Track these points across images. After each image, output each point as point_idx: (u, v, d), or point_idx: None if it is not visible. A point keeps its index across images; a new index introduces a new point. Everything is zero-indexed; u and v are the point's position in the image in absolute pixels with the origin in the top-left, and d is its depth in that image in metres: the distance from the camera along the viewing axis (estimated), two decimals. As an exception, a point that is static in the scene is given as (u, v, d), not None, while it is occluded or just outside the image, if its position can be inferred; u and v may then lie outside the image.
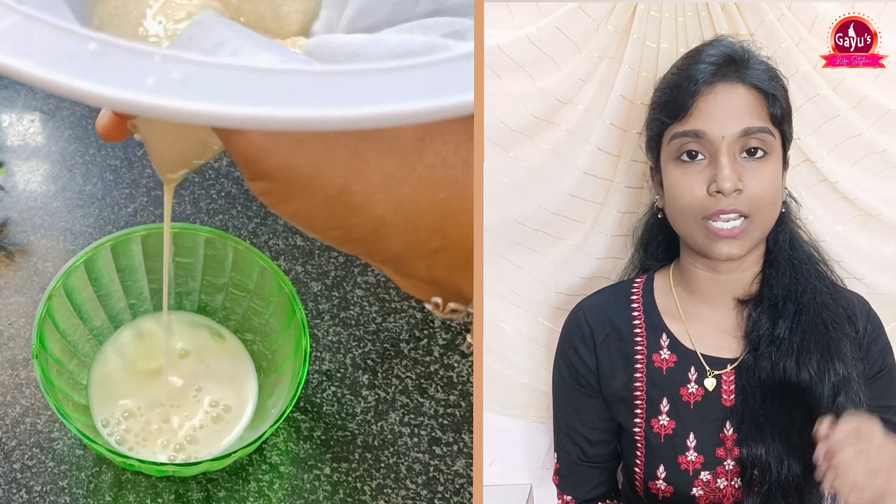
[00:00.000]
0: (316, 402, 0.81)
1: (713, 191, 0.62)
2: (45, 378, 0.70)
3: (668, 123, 0.65)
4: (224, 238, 0.77)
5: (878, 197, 0.76)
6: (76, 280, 0.75)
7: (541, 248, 0.79)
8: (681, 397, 0.67)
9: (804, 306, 0.66)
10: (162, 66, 0.33)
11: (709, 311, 0.68)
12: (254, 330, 0.80)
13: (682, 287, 0.69)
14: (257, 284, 0.78)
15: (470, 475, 0.78)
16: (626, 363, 0.69)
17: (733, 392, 0.67)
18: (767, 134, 0.63)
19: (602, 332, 0.69)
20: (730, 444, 0.67)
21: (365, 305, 0.86)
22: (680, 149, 0.64)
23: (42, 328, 0.72)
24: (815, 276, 0.68)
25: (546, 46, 0.74)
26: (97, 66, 0.32)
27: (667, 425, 0.68)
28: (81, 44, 0.33)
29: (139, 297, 0.80)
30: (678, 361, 0.68)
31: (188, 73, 0.32)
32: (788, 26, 0.72)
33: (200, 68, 0.33)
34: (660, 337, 0.69)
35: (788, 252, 0.68)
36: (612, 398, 0.69)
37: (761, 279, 0.67)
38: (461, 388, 0.82)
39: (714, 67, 0.64)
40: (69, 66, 0.32)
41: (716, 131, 0.63)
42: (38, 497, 0.75)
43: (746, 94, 0.64)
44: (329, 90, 0.33)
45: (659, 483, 0.69)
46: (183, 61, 0.33)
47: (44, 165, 0.92)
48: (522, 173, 0.77)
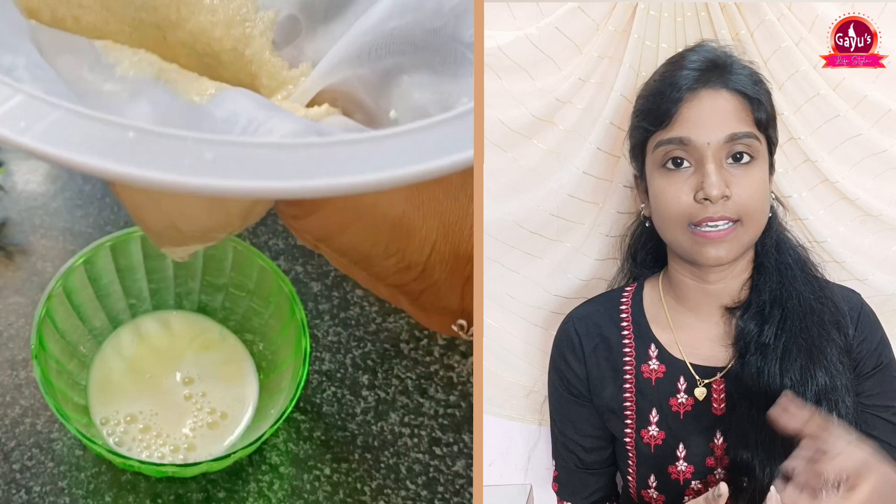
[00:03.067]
0: (316, 402, 0.81)
1: (700, 198, 0.62)
2: (45, 378, 0.70)
3: (652, 131, 0.64)
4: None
5: (879, 197, 0.76)
6: (76, 280, 0.75)
7: (538, 252, 0.78)
8: (670, 407, 0.67)
9: (789, 311, 0.65)
10: (195, 147, 0.36)
11: (697, 321, 0.68)
12: (254, 330, 0.80)
13: (671, 296, 0.69)
14: (257, 285, 0.78)
15: (470, 476, 0.78)
16: (614, 374, 0.68)
17: (724, 401, 0.66)
18: (753, 139, 0.63)
19: (591, 342, 0.69)
20: (720, 453, 0.66)
21: (365, 306, 0.86)
22: (665, 156, 0.63)
23: (41, 328, 0.71)
24: (802, 281, 0.67)
25: (546, 47, 0.74)
26: (138, 151, 0.36)
27: (657, 436, 0.67)
28: (121, 133, 0.36)
29: (139, 297, 0.80)
30: (667, 372, 0.67)
31: (219, 153, 0.36)
32: (788, 26, 0.71)
33: (231, 148, 0.36)
34: (648, 347, 0.68)
35: (775, 256, 0.67)
36: (603, 408, 0.69)
37: (750, 285, 0.67)
38: (461, 388, 0.82)
39: (697, 73, 0.63)
40: (114, 154, 0.36)
41: (701, 138, 0.62)
42: (37, 497, 0.75)
43: (731, 99, 0.63)
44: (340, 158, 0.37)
45: (651, 492, 0.68)
46: (214, 142, 0.36)
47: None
48: (521, 174, 0.77)
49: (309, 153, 0.37)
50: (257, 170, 0.36)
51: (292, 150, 0.37)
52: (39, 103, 0.37)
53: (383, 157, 0.37)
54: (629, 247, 0.73)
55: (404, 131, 0.38)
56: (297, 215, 0.45)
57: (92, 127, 0.36)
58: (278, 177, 0.36)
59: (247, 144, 0.37)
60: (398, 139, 0.38)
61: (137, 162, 0.36)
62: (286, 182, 0.36)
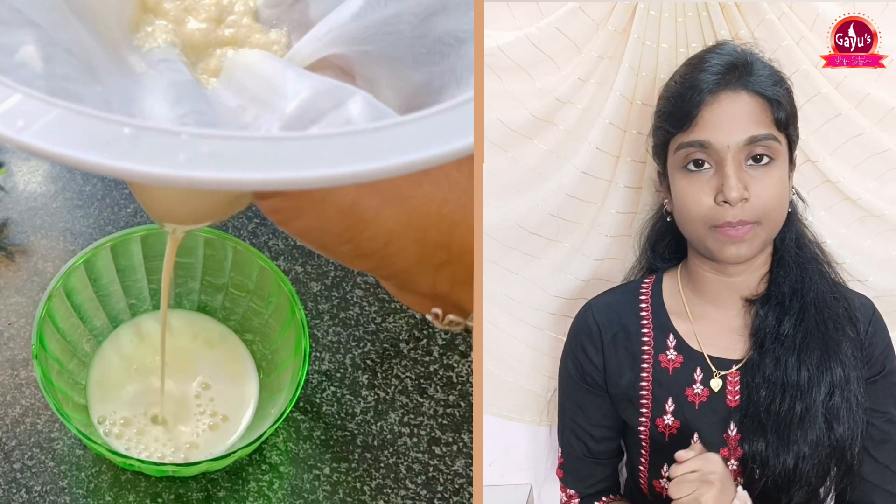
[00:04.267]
0: (316, 402, 0.81)
1: (720, 200, 0.63)
2: (45, 378, 0.70)
3: (673, 133, 0.65)
4: (224, 238, 0.77)
5: (881, 197, 0.76)
6: (76, 280, 0.75)
7: (538, 252, 0.79)
8: (686, 397, 0.68)
9: (807, 304, 0.67)
10: (190, 142, 0.37)
11: (716, 312, 0.69)
12: (254, 330, 0.80)
13: (690, 288, 0.70)
14: (257, 285, 0.78)
15: (470, 475, 0.78)
16: (632, 363, 0.69)
17: (738, 392, 0.67)
18: (772, 140, 0.64)
19: (610, 331, 0.70)
20: (733, 444, 0.67)
21: (365, 305, 0.86)
22: (686, 158, 0.65)
23: (42, 328, 0.72)
24: (819, 275, 0.68)
25: (546, 47, 0.74)
26: (134, 147, 0.37)
27: (671, 425, 0.68)
28: (117, 129, 0.37)
29: (139, 298, 0.80)
30: (684, 362, 0.68)
31: (215, 147, 0.37)
32: (789, 25, 0.71)
33: (226, 141, 0.37)
34: (667, 337, 0.69)
35: (795, 250, 0.68)
36: (619, 397, 0.70)
37: (769, 278, 0.68)
38: (461, 388, 0.82)
39: (717, 77, 0.64)
40: (111, 151, 0.36)
41: (721, 141, 0.63)
42: (38, 497, 0.75)
43: (750, 101, 0.64)
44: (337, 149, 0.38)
45: (663, 482, 0.69)
46: (209, 137, 0.37)
47: (44, 165, 0.92)
48: (521, 173, 0.77)
49: (305, 144, 0.38)
50: (253, 162, 0.37)
51: (288, 142, 0.38)
52: (37, 102, 0.37)
53: (382, 147, 0.38)
54: (648, 239, 0.74)
55: (400, 122, 0.39)
56: (259, 196, 0.45)
57: (89, 124, 0.37)
58: (275, 168, 0.37)
59: (242, 137, 0.38)
60: (395, 130, 0.39)
61: (132, 157, 0.36)
62: (282, 173, 0.37)
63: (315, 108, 0.43)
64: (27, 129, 0.36)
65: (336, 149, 0.38)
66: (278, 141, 0.38)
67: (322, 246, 0.46)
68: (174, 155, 0.37)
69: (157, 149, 0.37)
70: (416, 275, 0.47)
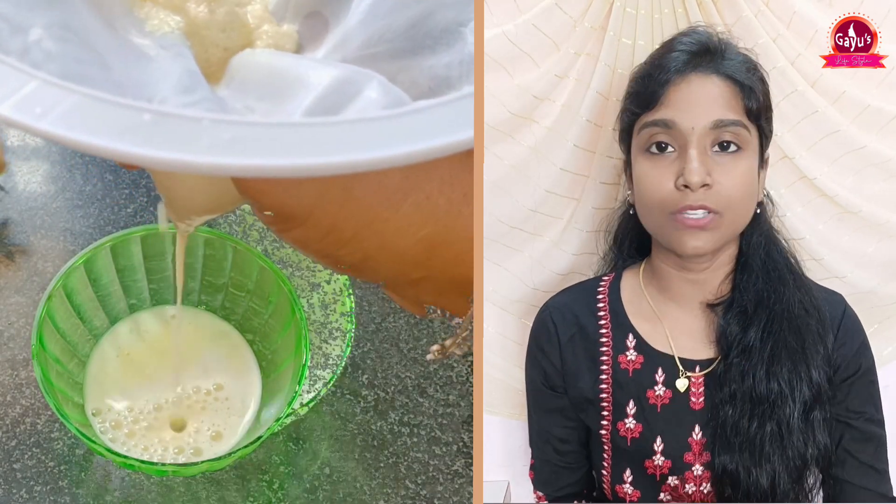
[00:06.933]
0: (316, 401, 0.81)
1: (680, 184, 0.60)
2: (45, 378, 0.70)
3: (638, 113, 0.63)
4: (223, 238, 0.78)
5: (858, 194, 0.75)
6: (76, 280, 0.75)
7: (518, 245, 0.77)
8: (648, 400, 0.66)
9: (776, 314, 0.64)
10: (212, 128, 0.36)
11: (679, 312, 0.67)
12: (254, 330, 0.80)
13: (653, 286, 0.68)
14: (257, 284, 0.78)
15: (469, 475, 0.78)
16: (591, 364, 0.67)
17: (702, 395, 0.65)
18: (741, 127, 0.61)
19: (567, 332, 0.68)
20: (698, 449, 0.65)
21: (364, 305, 0.86)
22: (649, 139, 0.62)
23: (42, 328, 0.72)
24: (791, 285, 0.66)
25: (524, 44, 0.73)
26: (155, 133, 0.36)
27: (633, 428, 0.66)
28: (137, 115, 0.36)
29: (139, 298, 0.80)
30: (645, 363, 0.66)
31: (237, 133, 0.37)
32: (765, 22, 0.70)
33: (248, 128, 0.37)
34: (626, 337, 0.67)
35: (763, 257, 0.65)
36: (578, 399, 0.68)
37: (732, 282, 0.66)
38: (460, 387, 0.82)
39: (687, 56, 0.62)
40: (131, 137, 0.36)
41: (686, 122, 0.61)
42: (38, 497, 0.75)
43: (721, 84, 0.61)
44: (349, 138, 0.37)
45: (626, 487, 0.67)
46: (231, 123, 0.37)
47: (44, 165, 0.92)
48: (503, 170, 0.76)
49: (324, 131, 0.38)
50: (276, 148, 0.36)
51: (308, 128, 0.38)
52: (55, 89, 0.37)
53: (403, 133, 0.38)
54: (615, 234, 0.71)
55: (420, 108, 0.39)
56: (257, 210, 0.46)
57: (108, 111, 0.36)
58: (296, 155, 0.37)
59: (265, 124, 0.37)
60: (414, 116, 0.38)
61: (153, 144, 0.36)
62: (304, 159, 0.36)
63: (337, 94, 0.43)
64: (45, 117, 0.36)
65: (358, 134, 0.37)
66: (302, 127, 0.38)
67: (309, 256, 0.48)
68: (196, 141, 0.36)
69: (179, 135, 0.36)
70: (397, 286, 0.49)
